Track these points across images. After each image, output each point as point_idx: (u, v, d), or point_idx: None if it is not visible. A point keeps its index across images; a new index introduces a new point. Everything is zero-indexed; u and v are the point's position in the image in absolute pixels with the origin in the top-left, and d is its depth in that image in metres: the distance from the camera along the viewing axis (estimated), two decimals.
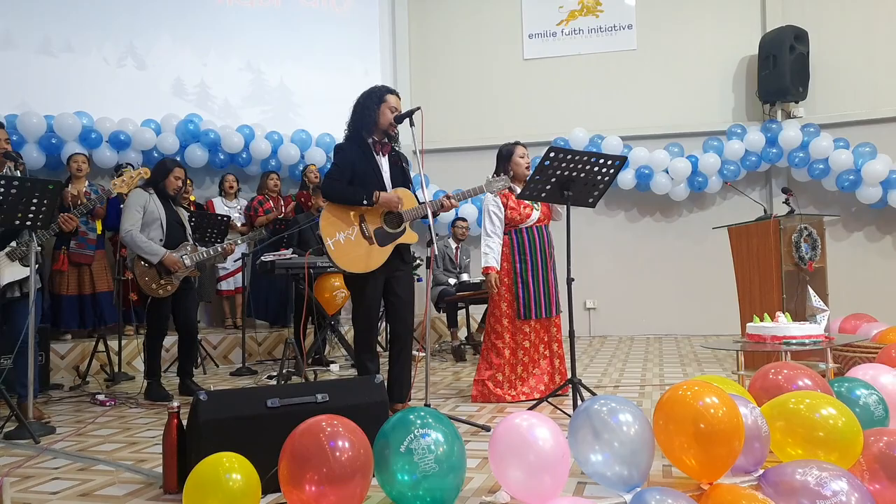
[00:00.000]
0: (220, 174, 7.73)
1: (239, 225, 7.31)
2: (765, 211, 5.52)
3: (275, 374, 5.60)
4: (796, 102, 8.04)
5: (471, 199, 8.26)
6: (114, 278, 6.25)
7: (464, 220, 7.62)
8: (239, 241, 5.38)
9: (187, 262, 4.88)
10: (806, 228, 5.04)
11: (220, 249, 5.08)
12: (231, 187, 7.49)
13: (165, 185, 4.92)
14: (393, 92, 3.93)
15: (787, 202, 5.34)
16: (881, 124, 7.87)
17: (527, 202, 4.50)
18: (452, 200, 3.85)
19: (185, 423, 2.75)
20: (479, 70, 8.98)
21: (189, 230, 5.12)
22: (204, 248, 5.04)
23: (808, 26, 7.90)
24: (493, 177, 4.08)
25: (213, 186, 7.86)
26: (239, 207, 7.52)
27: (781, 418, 2.66)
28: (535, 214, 4.54)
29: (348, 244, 3.78)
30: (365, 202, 3.77)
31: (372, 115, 3.86)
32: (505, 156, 4.58)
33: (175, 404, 2.77)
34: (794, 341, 3.77)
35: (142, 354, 6.31)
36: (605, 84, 8.64)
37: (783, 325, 3.86)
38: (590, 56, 8.74)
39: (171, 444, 2.70)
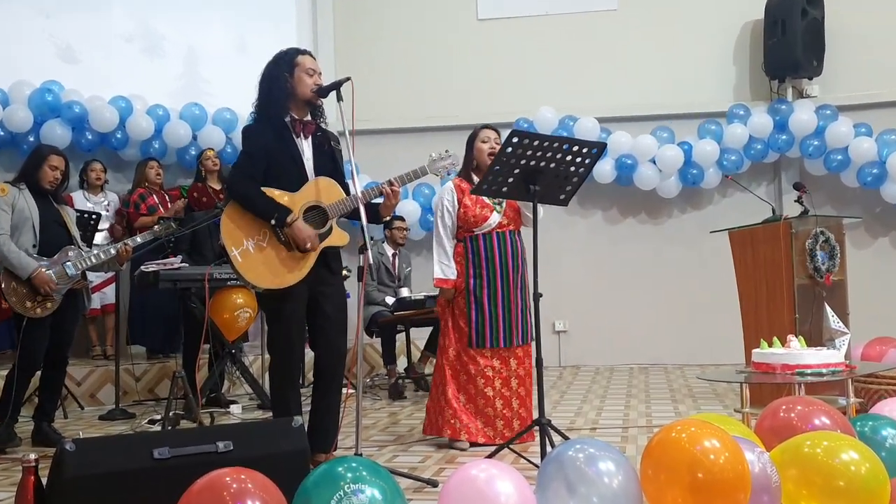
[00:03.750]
0: (86, 159, 7.58)
1: (107, 226, 7.17)
2: (773, 211, 5.68)
3: (158, 417, 5.52)
4: (810, 79, 8.32)
5: (411, 193, 8.31)
6: None
7: (402, 219, 7.63)
8: (138, 240, 5.27)
9: (70, 271, 4.86)
10: (822, 233, 5.20)
11: (112, 252, 5.02)
12: (98, 178, 7.35)
13: (39, 178, 4.94)
14: (305, 52, 3.99)
15: (799, 200, 5.50)
16: None
17: (486, 201, 4.58)
18: (395, 186, 3.90)
19: (45, 480, 2.69)
20: (421, 34, 9.03)
21: (76, 232, 5.13)
22: (91, 252, 4.99)
23: None
24: (437, 154, 4.15)
25: (76, 175, 7.68)
26: (106, 203, 7.37)
27: (795, 465, 2.75)
28: (495, 217, 4.62)
29: (259, 253, 3.78)
30: (273, 223, 3.77)
31: (284, 85, 3.90)
32: (469, 141, 4.73)
33: (32, 456, 2.70)
34: (809, 371, 3.90)
35: None
36: (579, 53, 8.79)
37: (796, 352, 3.98)
38: (560, 17, 8.89)
39: None
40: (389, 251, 7.47)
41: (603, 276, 8.63)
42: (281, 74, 3.90)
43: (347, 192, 3.96)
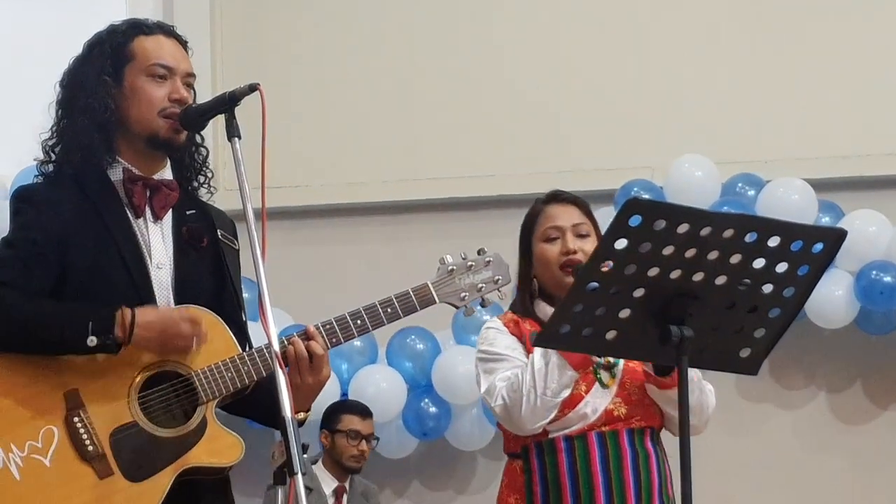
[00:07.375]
0: None
1: None
2: None
3: None
4: None
5: (384, 353, 5.76)
6: None
7: (360, 413, 5.37)
8: None
9: None
10: None
11: None
12: None
13: None
14: (153, 29, 2.73)
15: None
16: None
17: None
18: (314, 339, 2.54)
19: None
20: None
21: None
22: None
23: None
24: (453, 261, 2.79)
25: None
26: None
27: None
28: (599, 397, 3.07)
29: (32, 476, 2.48)
30: (93, 340, 2.46)
31: (104, 101, 2.59)
32: (523, 234, 3.33)
33: None
34: None
35: None
36: (758, 46, 6.25)
37: None
38: None
39: None
40: (329, 483, 5.35)
41: None
42: (97, 79, 2.61)
43: (244, 342, 2.61)
